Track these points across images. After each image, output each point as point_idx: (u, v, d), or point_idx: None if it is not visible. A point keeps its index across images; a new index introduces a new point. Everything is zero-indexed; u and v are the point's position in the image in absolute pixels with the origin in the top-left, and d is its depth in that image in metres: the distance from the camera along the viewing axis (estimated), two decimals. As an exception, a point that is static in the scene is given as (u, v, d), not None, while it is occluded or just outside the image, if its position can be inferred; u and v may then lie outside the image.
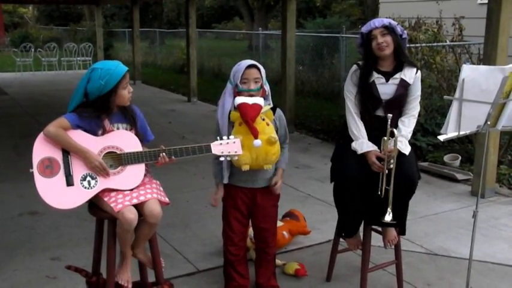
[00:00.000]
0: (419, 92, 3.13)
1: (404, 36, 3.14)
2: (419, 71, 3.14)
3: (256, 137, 2.86)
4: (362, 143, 3.06)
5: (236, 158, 2.80)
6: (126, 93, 2.72)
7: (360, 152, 3.05)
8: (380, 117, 3.09)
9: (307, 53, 11.99)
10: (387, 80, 3.08)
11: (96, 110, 2.69)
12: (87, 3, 20.64)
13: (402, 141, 3.03)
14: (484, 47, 5.00)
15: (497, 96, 2.64)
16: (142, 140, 2.82)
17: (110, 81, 2.64)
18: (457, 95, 2.68)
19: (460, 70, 2.73)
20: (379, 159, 3.00)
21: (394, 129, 2.96)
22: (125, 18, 27.49)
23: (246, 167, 2.92)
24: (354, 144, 3.08)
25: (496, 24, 4.78)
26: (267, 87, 3.05)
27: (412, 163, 3.06)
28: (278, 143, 2.96)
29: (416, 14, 7.47)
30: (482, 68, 2.74)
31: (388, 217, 2.97)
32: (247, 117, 2.87)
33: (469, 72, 2.64)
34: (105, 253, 2.77)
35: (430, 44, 6.82)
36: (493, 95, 2.64)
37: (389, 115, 2.94)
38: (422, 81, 3.26)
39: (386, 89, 3.08)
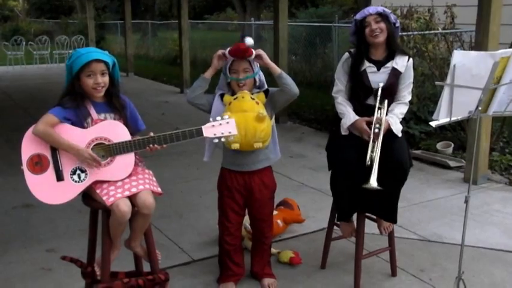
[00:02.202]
0: (410, 80, 3.16)
1: (397, 24, 3.15)
2: (411, 59, 3.15)
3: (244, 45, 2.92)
4: (349, 116, 3.08)
5: (232, 138, 2.77)
6: (91, 82, 2.65)
7: (348, 123, 3.06)
8: (371, 106, 3.10)
9: (299, 43, 11.97)
10: (378, 69, 3.10)
11: (74, 96, 2.67)
12: (78, -5, 20.48)
13: (393, 117, 3.05)
14: (475, 34, 5.02)
15: (488, 81, 2.65)
16: (133, 129, 2.80)
17: (75, 65, 2.63)
18: (448, 80, 2.69)
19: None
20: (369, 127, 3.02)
21: (385, 100, 3.02)
22: (116, 10, 27.29)
23: (235, 146, 2.89)
24: (342, 121, 3.09)
25: (487, 12, 4.79)
26: (258, 78, 3.07)
27: (404, 150, 3.07)
28: (268, 120, 2.96)
29: (408, 2, 7.46)
30: (473, 53, 2.75)
31: (373, 181, 2.87)
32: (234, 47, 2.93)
33: (460, 58, 2.65)
34: (100, 243, 2.77)
35: (422, 32, 6.82)
36: (484, 80, 2.65)
37: (381, 84, 3.02)
38: (414, 69, 3.27)
39: (377, 77, 3.09)
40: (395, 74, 3.09)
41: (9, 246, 3.86)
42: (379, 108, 3.04)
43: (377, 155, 2.94)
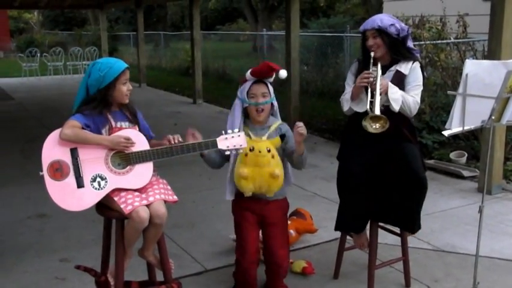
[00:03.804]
0: (417, 83, 3.11)
1: (404, 33, 3.13)
2: (416, 62, 3.14)
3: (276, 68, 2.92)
4: (347, 93, 3.14)
5: (241, 151, 2.80)
6: (125, 89, 2.75)
7: (350, 91, 3.10)
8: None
9: (311, 53, 11.99)
10: (384, 73, 3.11)
11: (97, 106, 2.71)
12: (91, 7, 20.72)
13: (394, 87, 3.02)
14: (488, 43, 4.99)
15: (501, 90, 2.64)
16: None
17: (109, 75, 2.68)
18: (460, 90, 2.68)
19: (464, 66, 2.74)
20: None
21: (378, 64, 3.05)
22: (129, 21, 27.57)
23: (248, 194, 2.96)
24: (344, 98, 3.16)
25: (499, 20, 4.78)
26: (275, 103, 3.07)
27: (416, 157, 3.07)
28: (282, 177, 2.94)
29: (420, 12, 7.46)
30: (486, 62, 2.75)
31: (377, 110, 2.88)
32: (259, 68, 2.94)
33: (472, 67, 2.65)
34: (114, 252, 2.79)
35: (434, 42, 6.82)
36: (497, 89, 2.65)
37: (372, 53, 3.05)
38: (427, 79, 3.27)
39: None
40: (399, 76, 3.11)
41: (23, 255, 3.89)
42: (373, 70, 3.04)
43: (377, 94, 2.92)
